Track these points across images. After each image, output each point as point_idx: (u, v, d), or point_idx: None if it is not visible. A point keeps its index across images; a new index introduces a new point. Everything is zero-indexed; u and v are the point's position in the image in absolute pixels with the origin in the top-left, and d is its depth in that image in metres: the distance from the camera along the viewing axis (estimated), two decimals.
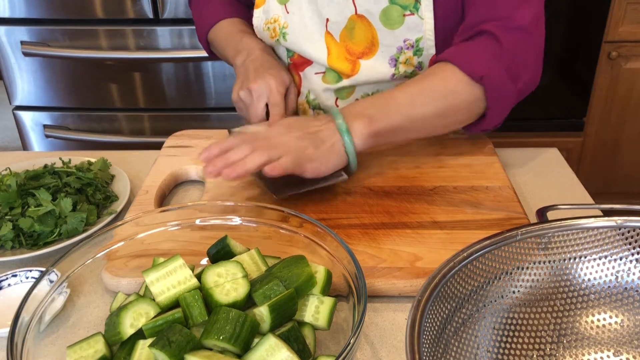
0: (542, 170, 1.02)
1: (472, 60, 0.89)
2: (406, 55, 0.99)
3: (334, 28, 1.01)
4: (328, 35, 1.02)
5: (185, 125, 1.33)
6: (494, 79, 0.88)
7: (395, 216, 0.84)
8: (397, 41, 0.98)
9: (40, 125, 2.14)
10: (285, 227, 0.74)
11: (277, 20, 1.06)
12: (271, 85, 1.01)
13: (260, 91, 1.01)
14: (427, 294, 0.55)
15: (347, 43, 1.01)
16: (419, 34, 0.97)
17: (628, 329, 0.63)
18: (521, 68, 0.90)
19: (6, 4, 1.94)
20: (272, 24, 1.08)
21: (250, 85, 1.01)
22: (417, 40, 0.97)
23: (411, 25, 0.96)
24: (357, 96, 1.07)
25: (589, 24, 2.02)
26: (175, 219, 0.76)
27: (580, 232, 0.63)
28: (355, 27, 0.99)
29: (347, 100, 1.08)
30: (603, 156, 2.27)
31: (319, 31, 1.02)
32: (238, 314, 0.58)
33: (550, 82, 2.11)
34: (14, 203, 0.85)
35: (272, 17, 1.07)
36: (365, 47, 1.00)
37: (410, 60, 0.99)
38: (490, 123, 0.94)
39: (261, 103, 1.02)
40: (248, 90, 1.02)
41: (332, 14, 1.00)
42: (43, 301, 0.64)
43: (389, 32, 0.98)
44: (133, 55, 1.99)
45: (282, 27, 1.06)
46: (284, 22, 1.05)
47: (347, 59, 1.02)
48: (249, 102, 1.03)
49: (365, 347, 0.67)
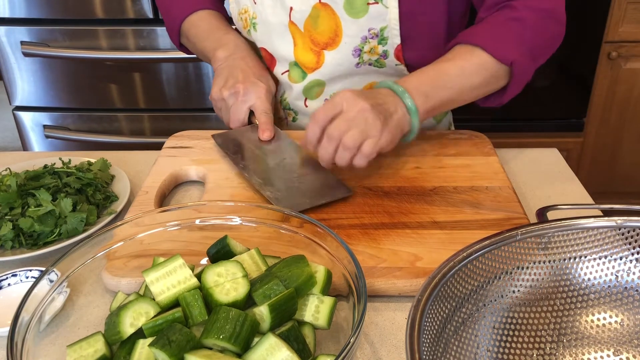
0: (542, 170, 1.02)
1: (502, 45, 0.91)
2: (370, 44, 0.97)
3: (298, 17, 0.99)
4: (292, 25, 1.00)
5: (185, 126, 1.33)
6: (521, 62, 0.91)
7: (395, 216, 0.84)
8: (361, 30, 0.96)
9: (40, 125, 2.14)
10: (286, 227, 0.74)
11: (247, 10, 1.05)
12: (260, 92, 1.01)
13: (248, 95, 1.01)
14: (427, 294, 0.55)
15: (311, 33, 0.99)
16: (383, 23, 0.95)
17: (628, 329, 0.63)
18: (542, 49, 0.94)
19: (6, 4, 1.94)
20: (243, 14, 1.07)
21: (238, 86, 1.00)
22: (381, 30, 0.96)
23: (375, 14, 0.95)
24: (326, 96, 1.05)
25: (589, 24, 2.02)
26: (175, 219, 0.76)
27: (580, 232, 0.63)
28: (319, 16, 0.97)
29: (317, 100, 1.06)
30: (603, 156, 2.27)
31: (284, 21, 1.01)
32: (238, 313, 0.58)
33: (550, 82, 2.12)
34: (14, 203, 0.85)
35: (243, 8, 1.06)
36: (329, 37, 0.99)
37: (375, 49, 0.98)
38: (509, 96, 0.97)
39: (245, 107, 1.01)
40: (235, 92, 1.01)
41: (296, 3, 0.98)
42: (43, 301, 0.64)
43: (353, 22, 0.96)
44: (133, 55, 1.99)
45: (252, 18, 1.05)
46: (253, 12, 1.04)
47: (312, 49, 1.01)
48: (233, 103, 1.02)
49: (365, 346, 0.67)
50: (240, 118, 1.03)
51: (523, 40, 0.91)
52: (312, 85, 1.05)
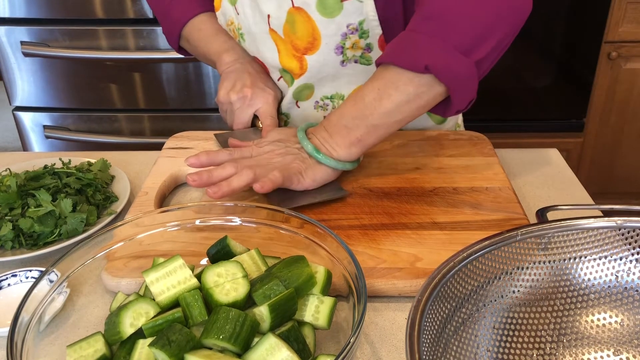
0: (542, 170, 1.02)
1: (409, 53, 0.81)
2: (352, 40, 0.95)
3: (276, 24, 0.98)
4: (272, 32, 1.00)
5: (185, 126, 1.33)
6: (439, 63, 0.79)
7: (395, 217, 0.84)
8: (339, 29, 0.94)
9: (40, 125, 2.14)
10: (286, 227, 0.74)
11: (233, 22, 1.05)
12: (268, 98, 1.01)
13: (255, 100, 1.01)
14: (427, 294, 0.55)
15: (291, 38, 0.98)
16: (360, 16, 0.93)
17: (628, 329, 0.63)
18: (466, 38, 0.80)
19: (6, 4, 1.94)
20: (230, 25, 1.07)
21: (245, 91, 1.00)
22: (360, 23, 0.94)
23: (351, 9, 0.92)
24: (316, 98, 1.05)
25: (589, 24, 2.02)
26: (175, 220, 0.76)
27: (580, 233, 0.63)
28: (295, 20, 0.96)
29: (308, 102, 1.06)
30: (603, 156, 2.27)
31: (264, 29, 1.00)
32: (238, 313, 0.58)
33: (550, 82, 2.12)
34: (14, 203, 0.85)
35: (229, 19, 1.06)
36: (307, 41, 0.97)
37: (357, 44, 0.96)
38: (459, 104, 0.84)
39: (250, 111, 1.02)
40: (243, 95, 1.01)
41: (272, 9, 0.97)
42: (43, 301, 0.64)
43: (329, 21, 0.94)
44: (133, 55, 1.99)
45: (238, 29, 1.05)
46: (238, 23, 1.04)
47: (295, 55, 1.00)
48: (239, 106, 1.02)
49: (365, 346, 0.67)
50: (245, 121, 1.03)
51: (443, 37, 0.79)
52: (301, 89, 1.05)
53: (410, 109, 0.84)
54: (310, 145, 0.88)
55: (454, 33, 0.80)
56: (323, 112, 1.07)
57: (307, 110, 1.07)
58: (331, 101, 1.05)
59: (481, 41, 0.80)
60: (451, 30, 0.80)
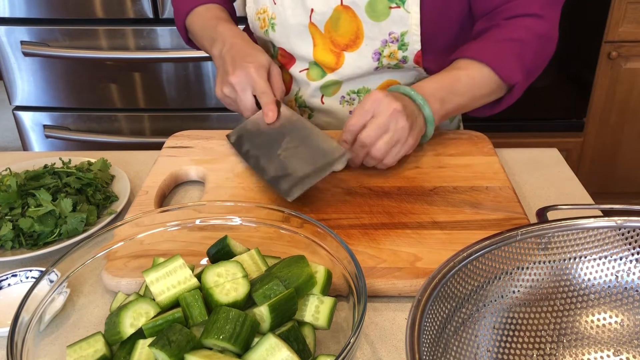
0: (542, 170, 1.02)
1: (506, 66, 0.95)
2: (390, 48, 0.99)
3: (318, 19, 1.00)
4: (312, 26, 1.01)
5: (185, 126, 1.33)
6: (522, 83, 0.97)
7: (395, 216, 0.84)
8: (382, 34, 0.98)
9: (40, 125, 2.14)
10: (286, 227, 0.74)
11: (266, 10, 1.05)
12: (251, 73, 0.97)
13: (242, 83, 0.98)
14: (427, 294, 0.55)
15: (332, 34, 1.01)
16: (404, 27, 0.97)
17: (628, 329, 0.63)
18: (537, 69, 0.99)
19: (6, 4, 1.94)
20: (261, 14, 1.07)
21: (230, 79, 0.98)
22: (402, 34, 0.97)
23: (397, 18, 0.96)
24: (342, 93, 1.07)
25: (589, 24, 2.02)
26: (175, 219, 0.76)
27: (580, 232, 0.63)
28: (340, 18, 0.98)
29: (333, 98, 1.07)
30: (603, 156, 2.27)
31: (304, 22, 1.01)
32: (238, 313, 0.58)
33: (550, 82, 2.11)
34: (14, 203, 0.85)
35: (262, 8, 1.06)
36: (349, 39, 1.00)
37: (395, 54, 0.99)
38: (501, 108, 1.02)
39: (247, 94, 0.99)
40: (230, 85, 0.99)
41: (317, 5, 0.99)
42: (43, 301, 0.64)
43: (375, 24, 0.97)
44: (133, 55, 1.99)
45: (271, 18, 1.05)
46: (272, 12, 1.04)
47: (332, 50, 1.02)
48: (235, 96, 1.00)
49: (365, 346, 0.67)
50: (249, 107, 1.01)
51: (523, 62, 0.95)
52: (329, 84, 1.06)
53: (484, 101, 0.99)
54: (430, 112, 0.93)
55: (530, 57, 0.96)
56: (349, 106, 1.08)
57: (333, 105, 1.09)
58: (357, 95, 1.07)
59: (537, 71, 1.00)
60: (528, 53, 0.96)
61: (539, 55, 0.97)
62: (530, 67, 0.97)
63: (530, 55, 0.96)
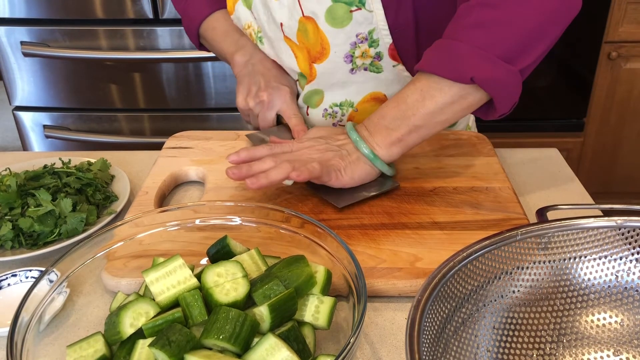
0: (542, 170, 1.02)
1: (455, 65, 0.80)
2: (361, 48, 0.96)
3: (289, 32, 0.98)
4: (287, 40, 1.00)
5: (185, 126, 1.33)
6: (483, 74, 0.79)
7: (395, 217, 0.84)
8: (349, 38, 0.94)
9: (40, 125, 2.14)
10: (286, 227, 0.74)
11: (251, 25, 1.05)
12: (286, 97, 1.00)
13: (273, 102, 1.01)
14: (427, 294, 0.55)
15: (306, 45, 0.98)
16: (370, 26, 0.93)
17: (628, 329, 0.63)
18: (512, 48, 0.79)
19: (6, 4, 1.94)
20: (247, 29, 1.07)
21: (262, 95, 1.00)
22: (369, 32, 0.94)
23: (360, 19, 0.92)
24: (325, 105, 1.05)
25: (589, 24, 2.02)
26: (175, 220, 0.76)
27: (580, 232, 0.63)
28: (307, 29, 0.96)
29: (317, 110, 1.06)
30: (603, 156, 2.27)
31: (279, 36, 1.01)
32: (238, 313, 0.58)
33: (550, 82, 2.12)
34: (13, 203, 0.85)
35: (246, 23, 1.06)
36: (317, 50, 0.97)
37: (367, 53, 0.96)
38: (502, 109, 0.84)
39: (272, 112, 1.02)
40: (260, 101, 1.01)
41: (284, 18, 0.97)
42: (43, 301, 0.64)
43: (338, 31, 0.94)
44: (133, 55, 1.99)
45: (257, 32, 1.05)
46: (257, 27, 1.04)
47: (309, 61, 1.01)
48: (259, 111, 1.02)
49: (365, 346, 0.67)
50: (269, 123, 1.04)
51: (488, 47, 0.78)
52: (311, 94, 1.05)
53: (454, 110, 0.84)
54: (355, 134, 0.87)
55: (500, 43, 0.79)
56: (332, 119, 1.07)
57: (316, 117, 1.07)
58: (340, 108, 1.05)
59: (529, 49, 0.79)
60: (497, 40, 0.79)
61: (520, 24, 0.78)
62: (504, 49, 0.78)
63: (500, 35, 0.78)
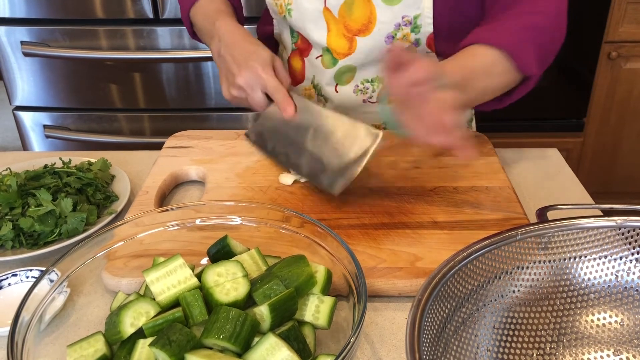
0: (542, 170, 1.02)
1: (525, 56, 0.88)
2: (403, 32, 0.99)
3: (333, 4, 1.01)
4: (327, 11, 1.02)
5: (185, 126, 1.33)
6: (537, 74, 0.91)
7: (395, 216, 0.84)
8: (395, 17, 0.98)
9: (40, 125, 2.14)
10: (286, 227, 0.74)
11: None
12: (259, 73, 0.95)
13: (250, 84, 0.96)
14: (427, 294, 0.55)
15: (345, 19, 1.01)
16: (417, 10, 0.97)
17: (628, 328, 0.63)
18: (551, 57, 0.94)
19: (6, 4, 1.94)
20: (278, 0, 1.07)
21: (237, 81, 0.97)
22: (415, 17, 0.98)
23: (410, 1, 0.97)
24: (356, 82, 1.07)
25: (589, 24, 2.02)
26: (175, 219, 0.76)
27: (580, 232, 0.63)
28: (354, 3, 0.99)
29: (347, 86, 1.07)
30: (603, 156, 2.27)
31: (319, 7, 1.02)
32: (238, 313, 0.59)
33: (550, 82, 2.11)
34: (14, 203, 0.85)
35: None
36: (362, 24, 1.01)
37: (407, 37, 1.00)
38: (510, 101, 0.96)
39: (257, 93, 0.97)
40: (238, 87, 0.98)
41: None
42: (43, 300, 0.64)
43: (388, 8, 0.98)
44: (133, 55, 1.99)
45: (287, 4, 1.06)
46: None
47: (345, 36, 1.02)
48: (245, 96, 1.00)
49: (365, 346, 0.67)
50: (261, 104, 0.99)
51: (540, 50, 0.90)
52: (344, 71, 1.06)
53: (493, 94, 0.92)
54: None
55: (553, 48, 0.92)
56: (363, 95, 1.08)
57: (346, 94, 1.08)
58: (371, 84, 1.07)
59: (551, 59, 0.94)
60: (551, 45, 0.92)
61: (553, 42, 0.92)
62: (545, 54, 0.91)
63: (547, 43, 0.91)
